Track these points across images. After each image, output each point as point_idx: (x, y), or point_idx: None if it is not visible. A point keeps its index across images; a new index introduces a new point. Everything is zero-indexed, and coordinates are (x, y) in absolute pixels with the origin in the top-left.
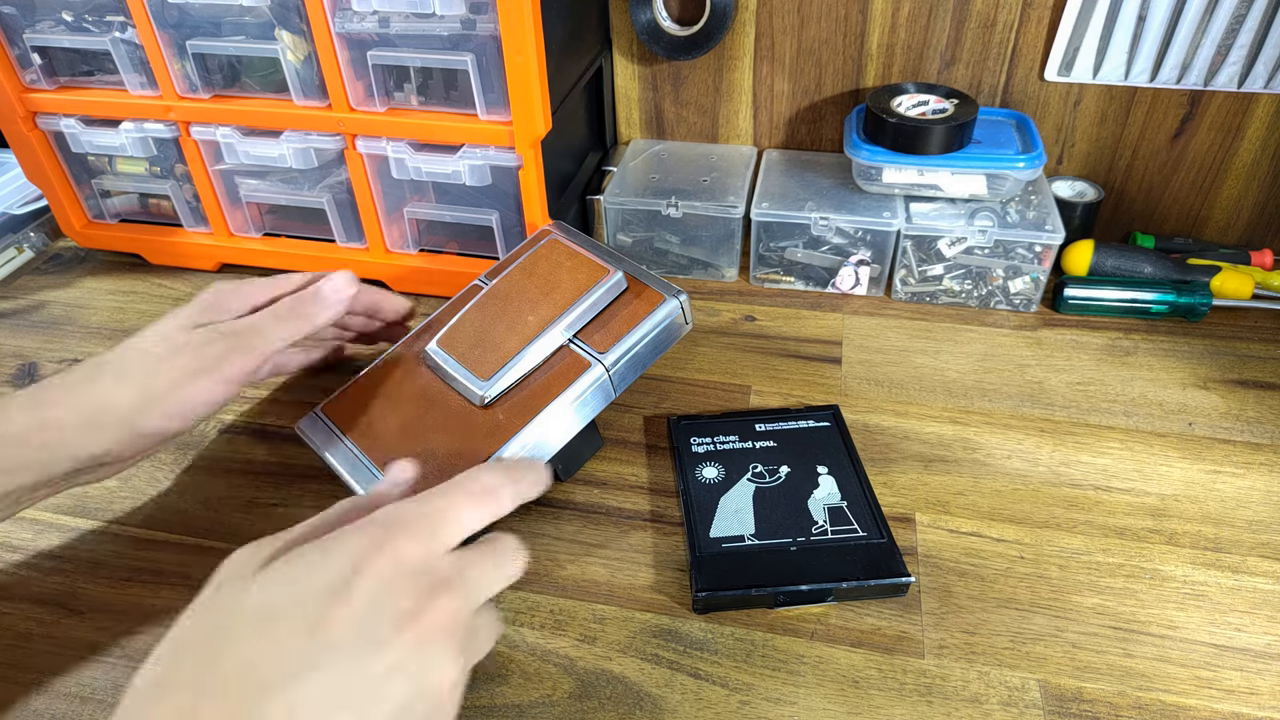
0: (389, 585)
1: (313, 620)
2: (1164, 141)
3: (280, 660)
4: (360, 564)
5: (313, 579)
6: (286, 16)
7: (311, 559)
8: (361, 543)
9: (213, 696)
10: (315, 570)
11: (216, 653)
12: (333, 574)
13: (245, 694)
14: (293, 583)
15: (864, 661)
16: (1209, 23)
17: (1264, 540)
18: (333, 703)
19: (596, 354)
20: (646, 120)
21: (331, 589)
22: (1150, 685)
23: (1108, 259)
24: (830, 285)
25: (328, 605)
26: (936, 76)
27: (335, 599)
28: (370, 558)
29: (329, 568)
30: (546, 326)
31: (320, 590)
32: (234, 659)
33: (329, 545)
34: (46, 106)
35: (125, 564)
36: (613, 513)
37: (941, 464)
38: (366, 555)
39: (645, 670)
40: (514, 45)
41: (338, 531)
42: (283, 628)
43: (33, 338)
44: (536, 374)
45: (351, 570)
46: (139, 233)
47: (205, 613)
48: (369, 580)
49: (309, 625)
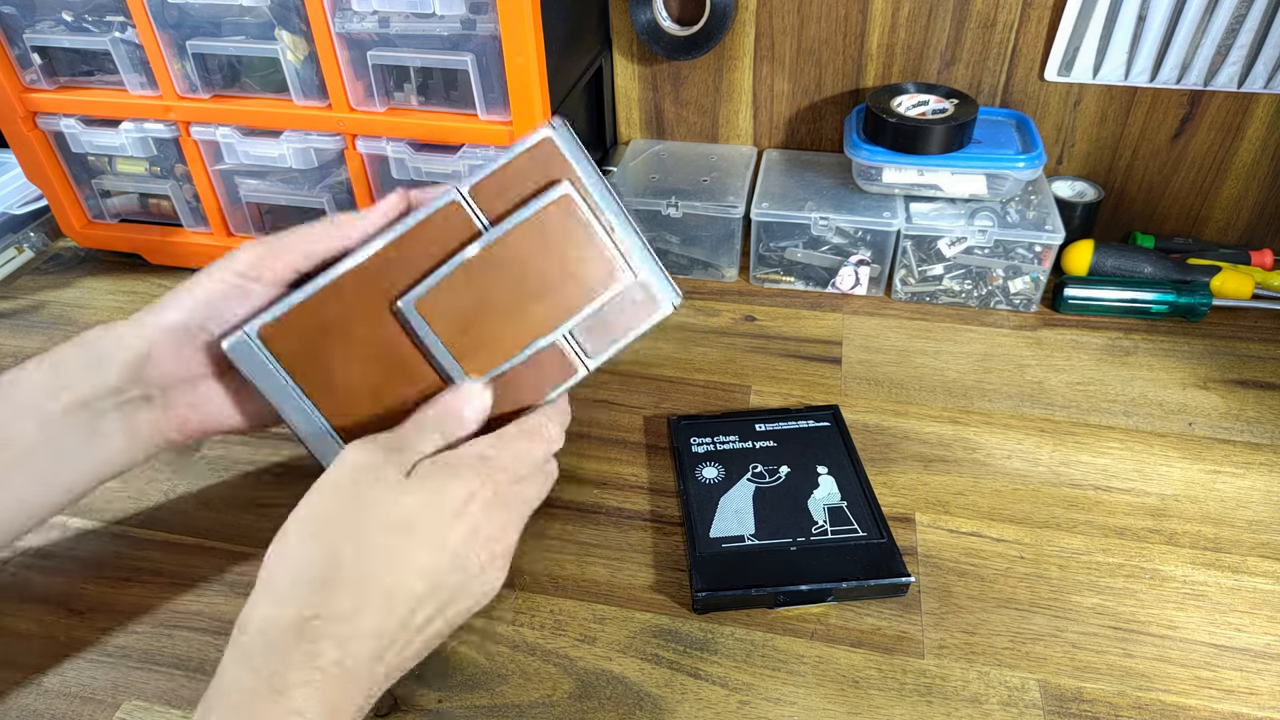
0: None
1: (440, 536)
2: (1164, 141)
3: (412, 564)
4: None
5: (444, 500)
6: (286, 16)
7: (441, 482)
8: (476, 478)
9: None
10: (445, 493)
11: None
12: (457, 499)
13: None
14: (428, 501)
15: (864, 661)
16: (1209, 23)
17: (1264, 540)
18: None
19: (586, 357)
20: (646, 120)
21: (456, 512)
22: (1150, 685)
23: (1108, 259)
24: (830, 285)
25: (451, 525)
26: (936, 76)
27: (457, 520)
28: (479, 494)
29: (455, 493)
30: (553, 329)
31: (448, 512)
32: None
33: (458, 472)
34: (46, 106)
35: (125, 564)
36: (613, 513)
37: (941, 464)
38: (478, 491)
39: (645, 670)
40: (514, 45)
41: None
42: (418, 537)
43: (33, 338)
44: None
45: (468, 499)
46: (139, 233)
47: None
48: (477, 509)
49: (437, 539)
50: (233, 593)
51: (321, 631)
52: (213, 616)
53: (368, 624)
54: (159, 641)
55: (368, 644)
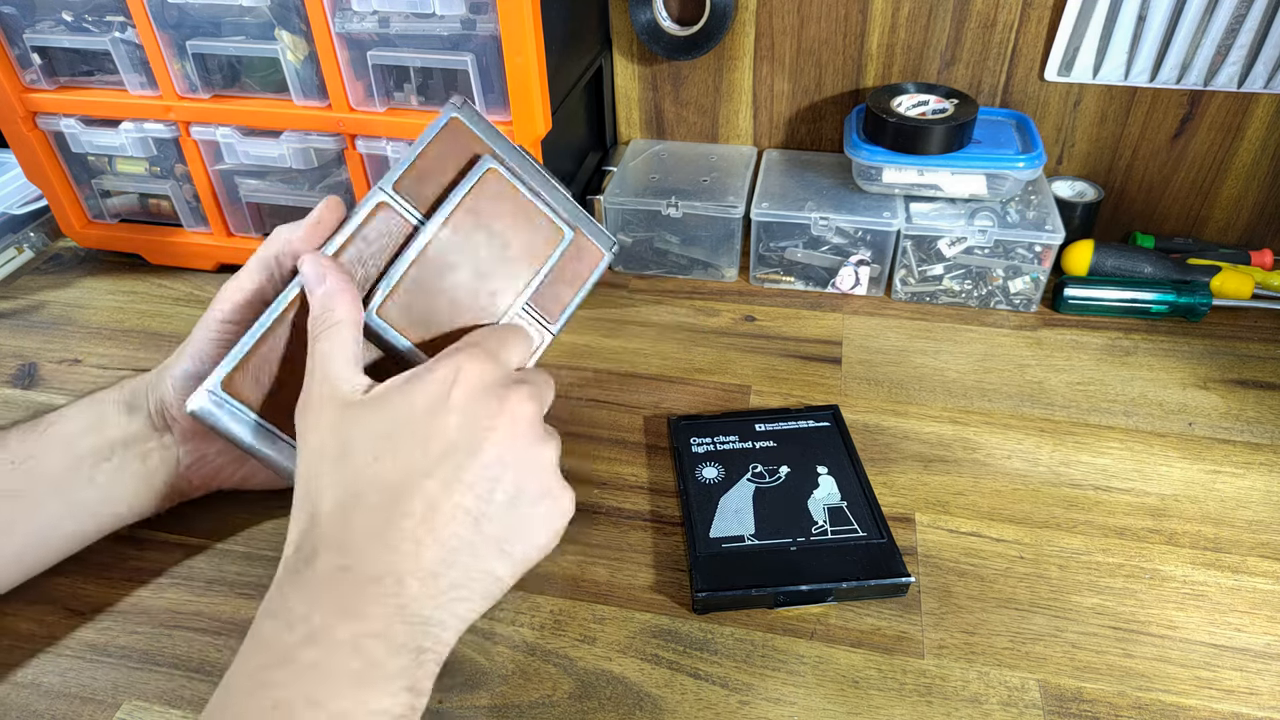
0: (477, 393)
1: (426, 433)
2: (1164, 141)
3: (408, 469)
4: (450, 384)
5: (416, 400)
6: (286, 16)
7: (409, 386)
8: (446, 370)
9: (359, 509)
10: (416, 394)
11: (354, 471)
12: (431, 394)
13: (385, 501)
14: (399, 407)
15: (864, 661)
16: (1209, 23)
17: (1264, 540)
18: (459, 493)
19: (547, 322)
20: (646, 120)
21: (432, 407)
22: (1150, 685)
23: (1108, 259)
24: (830, 285)
25: (433, 419)
26: (936, 76)
27: (439, 412)
28: (457, 379)
29: (427, 391)
30: (511, 305)
31: (424, 409)
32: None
33: (420, 374)
34: (46, 106)
35: (125, 564)
36: (613, 513)
37: (941, 464)
38: (454, 377)
39: (645, 670)
40: (514, 45)
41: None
42: (403, 444)
43: (33, 338)
44: None
45: (445, 390)
46: (139, 233)
47: (331, 434)
48: (460, 392)
49: (424, 437)
50: (233, 593)
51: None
52: (213, 616)
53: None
54: (159, 641)
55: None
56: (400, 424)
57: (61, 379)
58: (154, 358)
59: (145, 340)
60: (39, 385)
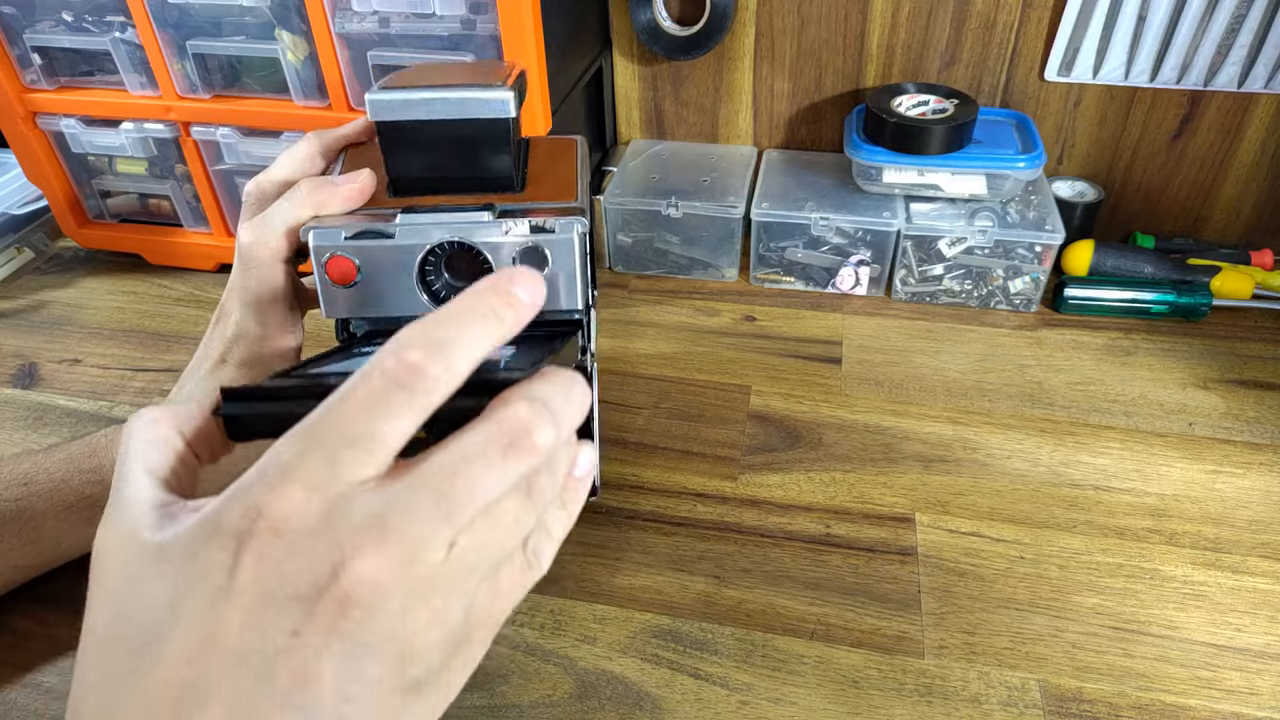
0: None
1: (201, 634)
2: (1164, 141)
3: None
4: (234, 551)
5: (189, 572)
6: (286, 16)
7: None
8: (237, 517)
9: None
10: (194, 561)
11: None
12: (206, 568)
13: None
14: (176, 575)
15: (864, 661)
16: (1209, 23)
17: (1264, 540)
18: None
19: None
20: (646, 120)
21: (209, 593)
22: (1150, 685)
23: (1108, 259)
24: (830, 285)
25: (211, 610)
26: (936, 76)
27: (217, 603)
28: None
29: (201, 563)
30: None
31: (200, 592)
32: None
33: (208, 517)
34: (46, 106)
35: None
36: (613, 513)
37: (941, 464)
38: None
39: (645, 670)
40: (514, 45)
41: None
42: (171, 647)
43: (33, 338)
44: None
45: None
46: (139, 233)
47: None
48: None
49: (198, 642)
50: None
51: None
52: None
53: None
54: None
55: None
56: (168, 608)
57: (62, 379)
58: (154, 357)
59: (145, 340)
60: (39, 385)
